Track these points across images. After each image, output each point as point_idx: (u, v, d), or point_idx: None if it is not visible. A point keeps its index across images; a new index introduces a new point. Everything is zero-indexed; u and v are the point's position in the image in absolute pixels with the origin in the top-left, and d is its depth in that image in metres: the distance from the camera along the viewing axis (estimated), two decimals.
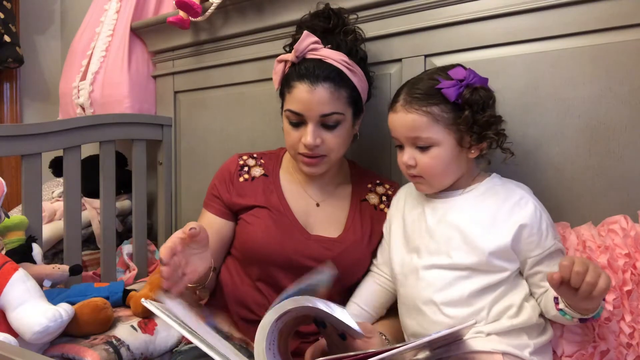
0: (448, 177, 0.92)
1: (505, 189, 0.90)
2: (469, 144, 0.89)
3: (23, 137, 1.29)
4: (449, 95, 0.87)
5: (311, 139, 1.01)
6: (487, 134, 0.88)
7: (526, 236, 0.85)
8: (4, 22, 2.04)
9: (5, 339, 0.96)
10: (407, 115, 0.89)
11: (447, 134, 0.88)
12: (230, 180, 1.13)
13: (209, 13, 1.46)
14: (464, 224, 0.88)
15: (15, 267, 1.04)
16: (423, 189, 0.95)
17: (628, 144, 0.95)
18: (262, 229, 1.06)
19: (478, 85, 0.88)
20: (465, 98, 0.87)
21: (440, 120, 0.87)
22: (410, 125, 0.89)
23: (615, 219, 0.91)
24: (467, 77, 0.88)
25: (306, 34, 1.02)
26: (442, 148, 0.88)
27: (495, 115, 0.90)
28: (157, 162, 1.73)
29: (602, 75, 0.97)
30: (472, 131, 0.87)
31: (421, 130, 0.88)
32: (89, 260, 1.64)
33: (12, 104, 2.30)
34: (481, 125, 0.87)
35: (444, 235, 0.90)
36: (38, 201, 1.33)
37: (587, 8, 0.98)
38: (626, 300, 0.86)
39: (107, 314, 1.13)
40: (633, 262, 0.87)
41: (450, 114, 0.87)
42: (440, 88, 0.87)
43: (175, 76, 1.71)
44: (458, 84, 0.87)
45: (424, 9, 1.16)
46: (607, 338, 0.86)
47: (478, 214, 0.88)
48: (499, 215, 0.87)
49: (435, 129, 0.88)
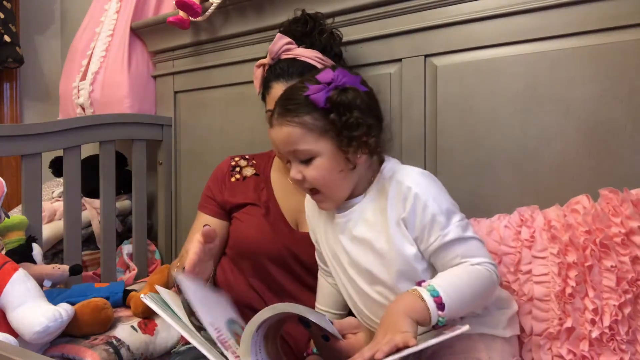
0: (343, 186, 0.85)
1: (392, 183, 0.83)
2: (349, 150, 0.82)
3: (23, 137, 1.29)
4: (317, 102, 0.81)
5: None
6: (353, 137, 0.81)
7: (410, 228, 0.80)
8: (4, 22, 2.04)
9: (5, 339, 0.96)
10: (281, 129, 0.84)
11: (324, 142, 0.82)
12: (223, 180, 1.17)
13: (209, 13, 1.46)
14: (370, 237, 0.83)
15: (15, 267, 1.04)
16: (326, 207, 0.88)
17: (628, 144, 0.95)
18: (254, 225, 1.08)
19: (347, 86, 0.82)
20: (332, 101, 0.81)
21: (314, 129, 0.82)
22: (286, 139, 0.83)
23: (578, 199, 0.93)
24: (335, 78, 0.82)
25: (279, 36, 1.06)
26: (324, 157, 0.82)
27: (364, 115, 0.82)
28: (157, 162, 1.73)
29: (602, 75, 0.97)
30: (342, 135, 0.81)
31: (297, 142, 0.82)
32: (89, 260, 1.64)
33: (12, 104, 2.30)
34: (348, 128, 0.81)
35: (359, 254, 0.85)
36: (38, 201, 1.33)
37: (587, 8, 0.98)
38: (588, 276, 0.87)
39: (107, 314, 1.13)
40: (593, 238, 0.88)
41: (322, 121, 0.82)
42: (308, 95, 0.82)
43: (175, 76, 1.71)
44: (325, 88, 0.82)
45: (424, 9, 1.16)
46: (572, 314, 0.87)
47: (376, 223, 0.83)
48: (391, 217, 0.81)
49: (311, 138, 0.82)
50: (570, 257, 0.89)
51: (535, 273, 0.93)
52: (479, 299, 0.78)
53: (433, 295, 0.72)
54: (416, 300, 0.73)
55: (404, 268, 0.81)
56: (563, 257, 0.90)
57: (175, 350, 1.14)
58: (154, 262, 1.70)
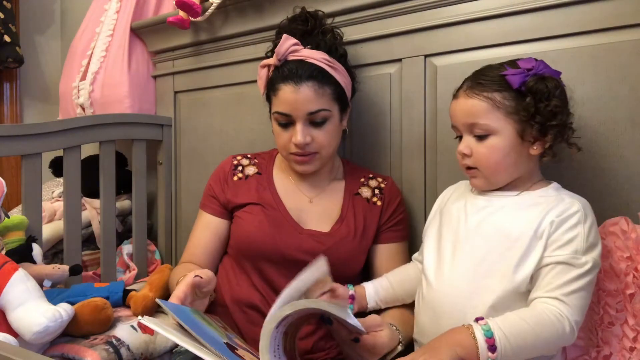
0: (505, 173, 0.86)
1: (557, 199, 0.83)
2: (531, 137, 0.84)
3: (23, 137, 1.29)
4: (512, 82, 0.83)
5: (301, 137, 1.03)
6: (550, 124, 0.82)
7: (552, 232, 0.79)
8: (4, 22, 2.03)
9: (5, 339, 0.96)
10: (467, 101, 0.86)
11: (507, 123, 0.83)
12: (225, 179, 1.17)
13: (209, 13, 1.46)
14: (509, 230, 0.83)
15: (15, 267, 1.04)
16: (477, 184, 0.89)
17: (628, 144, 0.95)
18: (255, 224, 1.08)
19: (546, 75, 0.84)
20: (529, 86, 0.82)
21: (501, 107, 0.83)
22: (468, 111, 0.85)
23: (615, 221, 0.89)
24: (535, 66, 0.84)
25: (285, 37, 1.05)
26: (501, 138, 0.84)
27: (561, 106, 0.84)
28: (157, 162, 1.73)
29: (602, 75, 0.97)
30: (534, 120, 0.82)
31: (479, 116, 0.84)
32: (89, 260, 1.64)
33: (12, 104, 2.30)
34: (544, 115, 0.82)
35: (484, 236, 0.85)
36: (38, 201, 1.33)
37: (587, 8, 0.98)
38: (629, 304, 0.85)
39: (107, 314, 1.13)
40: (635, 265, 0.85)
41: (512, 102, 0.83)
42: (504, 75, 0.84)
43: (175, 76, 1.71)
44: (524, 72, 0.83)
45: (424, 9, 1.17)
46: (610, 342, 0.85)
47: (524, 224, 0.82)
48: (540, 228, 0.81)
49: (495, 115, 0.83)
50: (610, 284, 0.86)
51: None
52: (541, 350, 0.76)
53: (486, 336, 0.72)
54: (467, 337, 0.73)
55: (518, 285, 0.80)
56: (602, 284, 0.87)
57: (176, 350, 1.14)
58: (154, 262, 1.70)
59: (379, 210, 1.13)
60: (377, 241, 1.13)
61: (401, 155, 1.22)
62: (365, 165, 1.25)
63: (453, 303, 0.85)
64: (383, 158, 1.25)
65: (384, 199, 1.14)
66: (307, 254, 1.04)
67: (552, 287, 0.77)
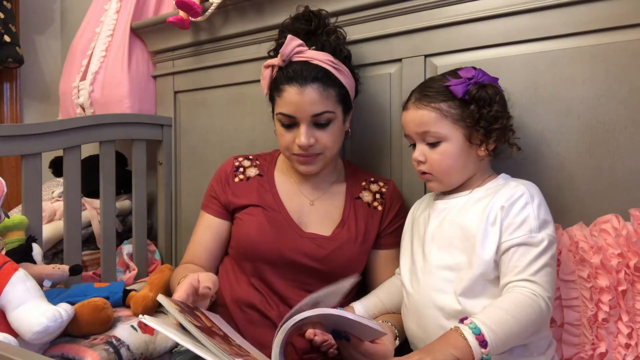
0: (457, 174, 0.93)
1: (505, 187, 0.89)
2: (478, 140, 0.91)
3: (23, 137, 1.29)
4: (456, 92, 0.90)
5: (305, 139, 1.03)
6: (493, 128, 0.90)
7: (504, 217, 0.85)
8: (4, 22, 2.03)
9: (5, 339, 0.96)
10: (417, 112, 0.93)
11: (455, 130, 0.91)
12: (226, 180, 1.16)
13: (209, 13, 1.46)
14: (465, 223, 0.89)
15: (15, 267, 1.04)
16: (433, 187, 0.96)
17: (628, 144, 0.95)
18: (256, 226, 1.08)
19: (486, 83, 0.92)
20: (472, 94, 0.90)
21: (448, 116, 0.90)
22: (419, 121, 0.92)
23: (606, 219, 0.92)
24: (475, 75, 0.92)
25: (290, 38, 1.04)
26: (451, 143, 0.91)
27: (502, 111, 0.92)
28: (157, 162, 1.73)
29: (602, 75, 0.97)
30: (479, 125, 0.90)
31: (430, 125, 0.91)
32: (89, 260, 1.64)
33: (12, 104, 2.30)
34: (487, 120, 0.90)
35: (445, 234, 0.91)
36: (38, 201, 1.33)
37: (586, 8, 0.98)
38: (622, 300, 0.86)
39: (107, 314, 1.13)
40: (626, 261, 0.87)
41: (457, 110, 0.90)
42: (448, 86, 0.91)
43: (175, 76, 1.71)
44: (466, 82, 0.91)
45: (424, 9, 1.16)
46: (605, 339, 0.86)
47: (476, 215, 0.88)
48: (491, 214, 0.86)
49: (444, 123, 0.91)
50: (602, 281, 0.87)
51: (565, 297, 0.91)
52: (526, 333, 0.79)
53: (475, 333, 0.74)
54: (458, 338, 0.75)
55: (484, 270, 0.85)
56: (594, 281, 0.88)
57: (176, 350, 1.14)
58: (154, 262, 1.70)
59: (380, 215, 1.13)
60: (377, 246, 1.13)
61: (401, 157, 1.22)
62: (366, 166, 1.25)
63: (431, 302, 0.89)
64: (383, 159, 1.25)
65: (385, 204, 1.14)
66: (308, 258, 1.04)
67: (519, 269, 0.81)
